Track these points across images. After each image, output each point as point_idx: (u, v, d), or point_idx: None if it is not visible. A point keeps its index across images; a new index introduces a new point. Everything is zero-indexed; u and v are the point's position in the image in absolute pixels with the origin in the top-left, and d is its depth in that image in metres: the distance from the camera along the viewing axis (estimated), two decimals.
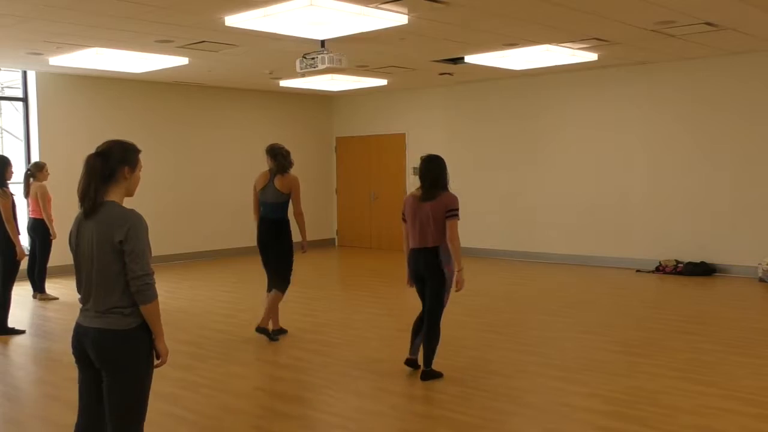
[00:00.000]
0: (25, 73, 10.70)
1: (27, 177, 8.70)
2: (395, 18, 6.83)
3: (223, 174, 12.72)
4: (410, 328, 5.18)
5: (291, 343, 6.50)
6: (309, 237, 6.75)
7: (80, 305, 3.00)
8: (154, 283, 2.89)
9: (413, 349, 5.49)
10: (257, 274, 10.00)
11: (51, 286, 9.09)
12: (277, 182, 6.39)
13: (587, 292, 8.99)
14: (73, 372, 5.55)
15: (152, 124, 11.75)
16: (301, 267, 6.92)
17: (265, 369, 5.80)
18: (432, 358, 5.26)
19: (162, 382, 5.30)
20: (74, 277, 3.04)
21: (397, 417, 4.52)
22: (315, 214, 13.21)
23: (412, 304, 8.90)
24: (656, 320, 7.21)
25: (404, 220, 5.38)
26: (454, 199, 5.20)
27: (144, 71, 10.12)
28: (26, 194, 8.61)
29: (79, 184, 2.90)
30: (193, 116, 12.40)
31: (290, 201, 6.47)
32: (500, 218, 12.04)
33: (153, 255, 2.96)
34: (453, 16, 6.97)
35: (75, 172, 2.55)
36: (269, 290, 6.62)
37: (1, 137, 12.19)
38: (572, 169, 11.27)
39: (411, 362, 5.50)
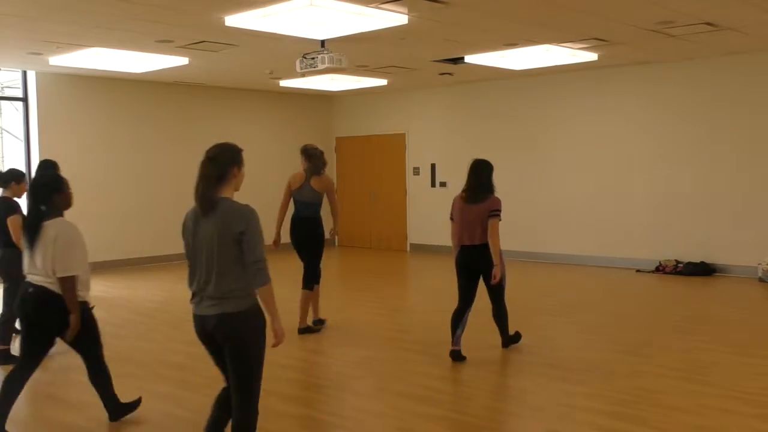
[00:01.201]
0: (25, 73, 10.69)
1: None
2: (395, 18, 6.83)
3: None
4: (409, 328, 5.21)
5: (291, 343, 6.48)
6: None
7: (190, 297, 3.35)
8: (267, 268, 3.23)
9: (455, 340, 5.71)
10: None
11: None
12: (314, 182, 6.69)
13: (587, 292, 8.99)
14: (72, 373, 5.59)
15: (152, 124, 11.71)
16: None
17: (266, 369, 5.76)
18: (507, 328, 5.98)
19: (162, 382, 5.31)
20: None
21: (397, 417, 4.52)
22: None
23: (412, 304, 8.95)
24: (656, 320, 7.20)
25: (452, 219, 5.79)
26: (498, 201, 5.65)
27: (144, 71, 10.12)
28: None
29: (196, 187, 3.26)
30: (193, 116, 12.39)
31: (322, 200, 6.84)
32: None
33: (155, 255, 3.03)
34: (453, 16, 6.96)
35: (75, 172, 2.57)
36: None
37: (1, 137, 12.19)
38: (572, 169, 11.27)
39: (455, 354, 5.70)
